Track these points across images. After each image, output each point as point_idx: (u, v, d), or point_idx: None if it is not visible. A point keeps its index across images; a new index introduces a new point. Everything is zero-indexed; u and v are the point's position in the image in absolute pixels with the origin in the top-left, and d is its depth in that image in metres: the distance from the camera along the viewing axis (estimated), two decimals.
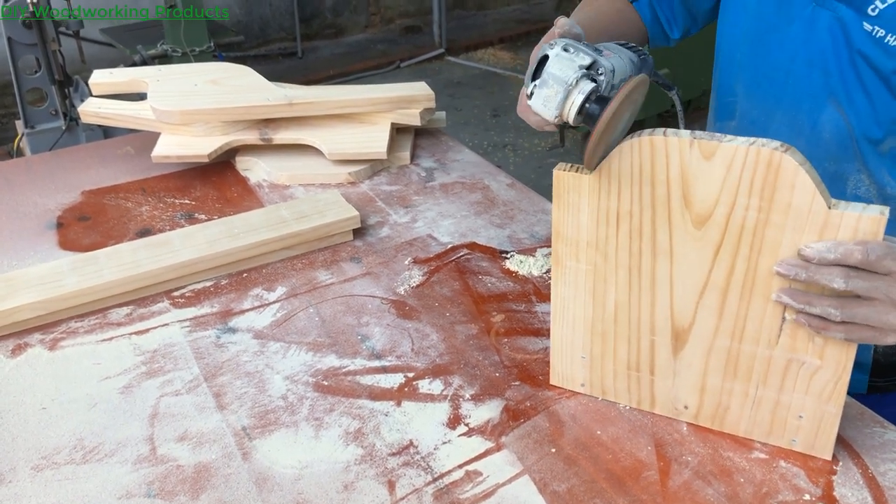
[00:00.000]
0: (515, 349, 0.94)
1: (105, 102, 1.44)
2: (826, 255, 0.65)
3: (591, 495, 0.74)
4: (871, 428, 0.80)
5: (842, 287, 0.65)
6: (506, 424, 0.82)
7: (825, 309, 0.67)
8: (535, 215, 1.24)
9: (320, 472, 0.77)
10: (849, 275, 0.65)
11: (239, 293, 1.06)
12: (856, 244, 0.64)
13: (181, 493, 0.75)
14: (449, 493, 0.74)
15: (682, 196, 0.71)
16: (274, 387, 0.88)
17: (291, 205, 1.19)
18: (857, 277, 0.65)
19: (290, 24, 5.83)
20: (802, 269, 0.67)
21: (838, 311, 0.66)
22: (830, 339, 0.70)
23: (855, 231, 0.65)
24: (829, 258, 0.65)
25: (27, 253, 1.16)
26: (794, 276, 0.67)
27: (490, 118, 4.73)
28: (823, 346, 0.71)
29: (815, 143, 0.91)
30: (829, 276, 0.65)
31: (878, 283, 0.65)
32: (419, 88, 1.46)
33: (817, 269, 0.66)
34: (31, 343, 0.97)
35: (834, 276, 0.65)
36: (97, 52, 4.01)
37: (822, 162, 0.91)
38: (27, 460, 0.79)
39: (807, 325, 0.69)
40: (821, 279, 0.66)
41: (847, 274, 0.65)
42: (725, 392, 0.78)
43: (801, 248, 0.67)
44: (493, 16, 6.73)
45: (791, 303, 0.69)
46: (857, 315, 0.66)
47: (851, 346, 0.70)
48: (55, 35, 2.71)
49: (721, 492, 0.73)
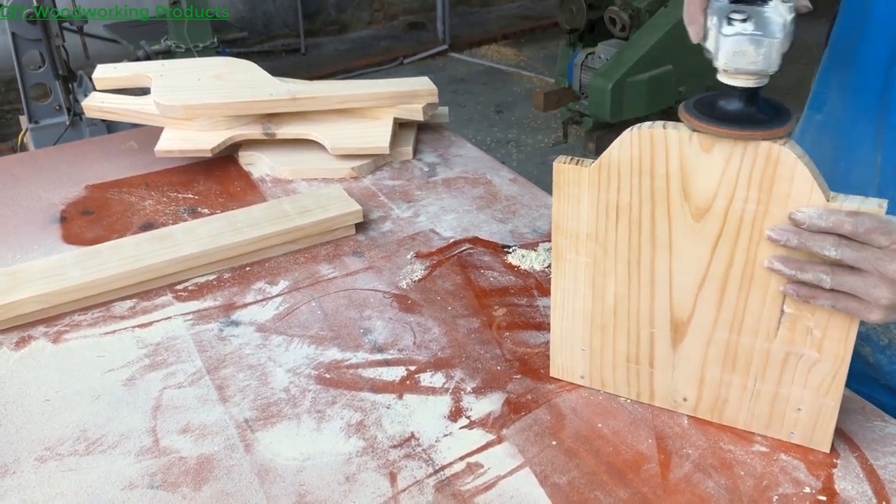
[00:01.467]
0: (517, 343, 0.94)
1: (109, 97, 1.45)
2: (817, 221, 0.65)
3: (591, 488, 0.74)
4: (872, 422, 0.80)
5: (832, 255, 0.65)
6: (507, 417, 0.83)
7: (817, 275, 0.67)
8: (538, 210, 1.24)
9: (322, 464, 0.78)
10: (840, 243, 0.65)
11: (242, 287, 1.06)
12: (847, 214, 0.64)
13: (183, 484, 0.76)
14: (450, 485, 0.75)
15: (681, 189, 0.71)
16: (276, 379, 0.89)
17: (294, 199, 1.20)
18: (848, 247, 0.65)
19: (293, 20, 5.83)
20: (794, 235, 0.67)
21: (829, 278, 0.67)
22: (829, 332, 0.70)
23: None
24: (819, 225, 0.65)
25: (31, 247, 1.16)
26: (786, 242, 0.67)
27: (494, 114, 4.73)
28: (822, 339, 0.71)
29: (890, 164, 0.87)
30: (822, 243, 0.66)
31: (866, 253, 0.65)
32: (422, 83, 1.46)
33: (810, 236, 0.66)
34: (35, 336, 0.97)
35: (826, 243, 0.65)
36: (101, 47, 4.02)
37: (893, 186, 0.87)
38: (31, 451, 0.80)
39: (795, 295, 0.69)
40: (813, 246, 0.66)
41: (838, 242, 0.65)
42: (724, 384, 0.78)
43: (791, 212, 0.67)
44: (497, 12, 6.72)
45: (783, 269, 0.69)
46: (845, 283, 0.66)
47: (850, 339, 0.70)
48: (59, 31, 2.72)
49: (721, 484, 0.74)
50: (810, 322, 0.71)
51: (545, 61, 5.56)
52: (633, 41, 3.59)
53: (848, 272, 0.66)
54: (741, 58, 0.64)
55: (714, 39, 0.66)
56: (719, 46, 0.65)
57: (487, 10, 6.78)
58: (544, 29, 6.28)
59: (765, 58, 0.64)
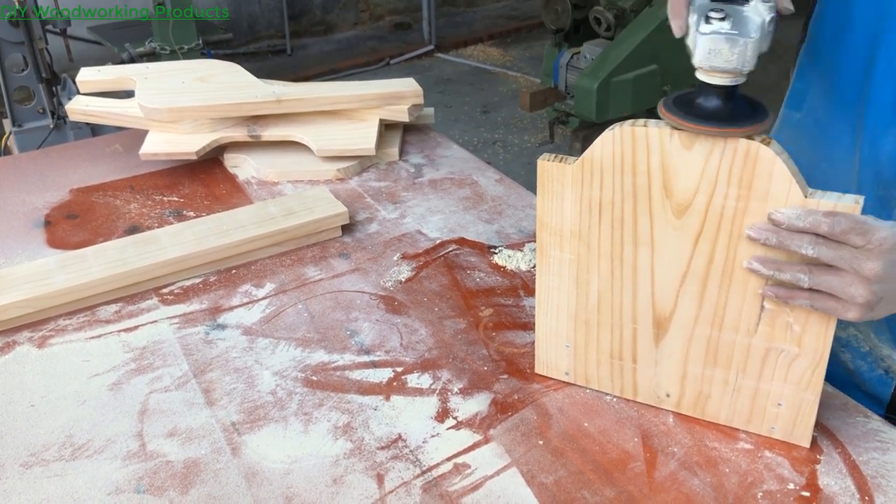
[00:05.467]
0: (503, 343, 0.95)
1: (93, 100, 1.44)
2: (795, 221, 0.66)
3: (578, 487, 0.74)
4: (854, 417, 0.81)
5: (810, 253, 0.66)
6: (494, 417, 0.83)
7: (795, 274, 0.68)
8: (524, 210, 1.25)
9: (309, 466, 0.78)
10: (817, 242, 0.66)
11: (228, 290, 1.06)
12: (824, 215, 0.65)
13: (171, 488, 0.75)
14: (437, 486, 0.75)
15: (662, 186, 0.72)
16: (263, 382, 0.89)
17: (280, 201, 1.20)
18: (825, 245, 0.66)
19: (279, 21, 5.81)
20: (773, 234, 0.68)
21: (807, 277, 0.67)
22: (808, 327, 0.71)
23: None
24: (798, 225, 0.66)
25: (15, 251, 1.16)
26: (765, 241, 0.68)
27: (480, 115, 4.74)
28: (801, 335, 0.72)
29: (868, 163, 0.87)
30: (799, 242, 0.67)
31: (843, 252, 0.66)
32: (408, 85, 1.46)
33: (788, 235, 0.67)
34: (20, 341, 0.97)
35: (804, 242, 0.66)
36: (85, 49, 4.00)
37: (870, 185, 0.88)
38: (16, 458, 0.79)
39: (773, 297, 0.70)
40: (791, 244, 0.67)
41: (816, 241, 0.66)
42: (706, 380, 0.79)
43: (770, 211, 0.67)
44: (483, 12, 6.73)
45: (761, 269, 0.69)
46: (823, 283, 0.67)
47: (829, 334, 0.71)
48: (42, 33, 2.71)
49: (707, 482, 0.74)
50: (790, 317, 0.72)
51: (531, 61, 5.57)
52: (619, 41, 3.60)
53: (825, 271, 0.67)
54: (716, 56, 0.65)
55: (692, 36, 0.66)
56: (696, 44, 0.66)
57: (473, 10, 6.78)
58: (530, 29, 6.29)
59: (739, 56, 0.64)
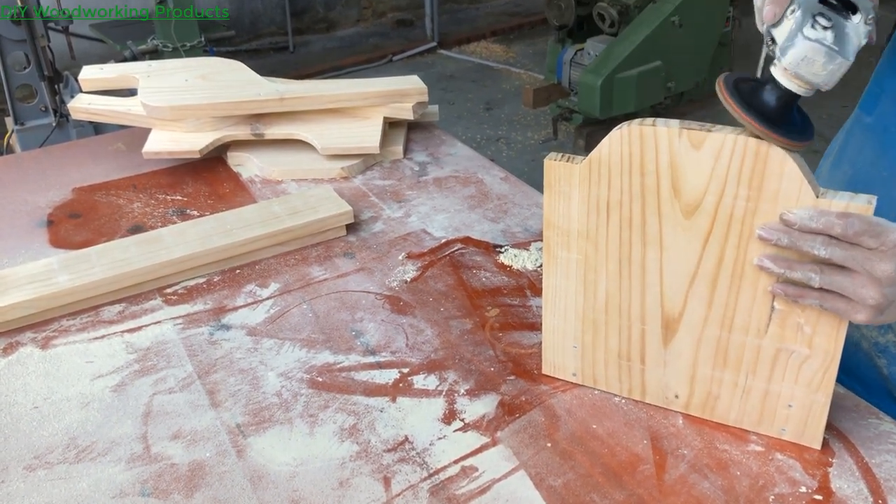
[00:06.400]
0: (510, 344, 0.94)
1: (95, 98, 1.43)
2: (808, 222, 0.65)
3: (587, 490, 0.74)
4: (867, 419, 0.80)
5: (822, 254, 0.66)
6: (501, 419, 0.82)
7: (806, 273, 0.67)
8: (529, 209, 1.24)
9: (315, 469, 0.77)
10: (829, 242, 0.65)
11: (232, 290, 1.05)
12: (838, 217, 0.64)
13: (175, 491, 0.75)
14: (445, 489, 0.74)
15: (671, 185, 0.71)
16: (268, 384, 0.88)
17: (284, 200, 1.19)
18: (837, 246, 0.65)
19: (281, 18, 5.80)
20: (784, 234, 0.67)
21: (818, 276, 0.67)
22: (819, 329, 0.70)
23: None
24: (810, 226, 0.65)
25: (18, 251, 1.15)
26: (777, 241, 0.67)
27: (483, 111, 4.73)
28: (812, 336, 0.71)
29: None
30: (811, 242, 0.66)
31: (855, 253, 0.65)
32: (411, 82, 1.45)
33: (800, 236, 0.66)
34: (23, 342, 0.96)
35: (816, 243, 0.66)
36: (87, 47, 3.99)
37: None
38: (20, 460, 0.79)
39: (783, 295, 0.70)
40: (803, 245, 0.66)
41: (828, 242, 0.65)
42: (715, 381, 0.78)
43: (782, 212, 0.67)
44: (485, 9, 6.71)
45: (772, 266, 0.69)
46: (834, 282, 0.66)
47: (840, 335, 0.70)
48: (44, 31, 2.70)
49: (717, 485, 0.73)
50: (801, 318, 0.71)
51: (534, 58, 5.55)
52: (622, 37, 3.59)
53: (837, 271, 0.67)
54: (808, 65, 0.61)
55: (789, 33, 0.62)
56: (793, 44, 0.61)
57: (475, 7, 6.76)
58: (533, 25, 6.27)
59: (829, 74, 0.61)
